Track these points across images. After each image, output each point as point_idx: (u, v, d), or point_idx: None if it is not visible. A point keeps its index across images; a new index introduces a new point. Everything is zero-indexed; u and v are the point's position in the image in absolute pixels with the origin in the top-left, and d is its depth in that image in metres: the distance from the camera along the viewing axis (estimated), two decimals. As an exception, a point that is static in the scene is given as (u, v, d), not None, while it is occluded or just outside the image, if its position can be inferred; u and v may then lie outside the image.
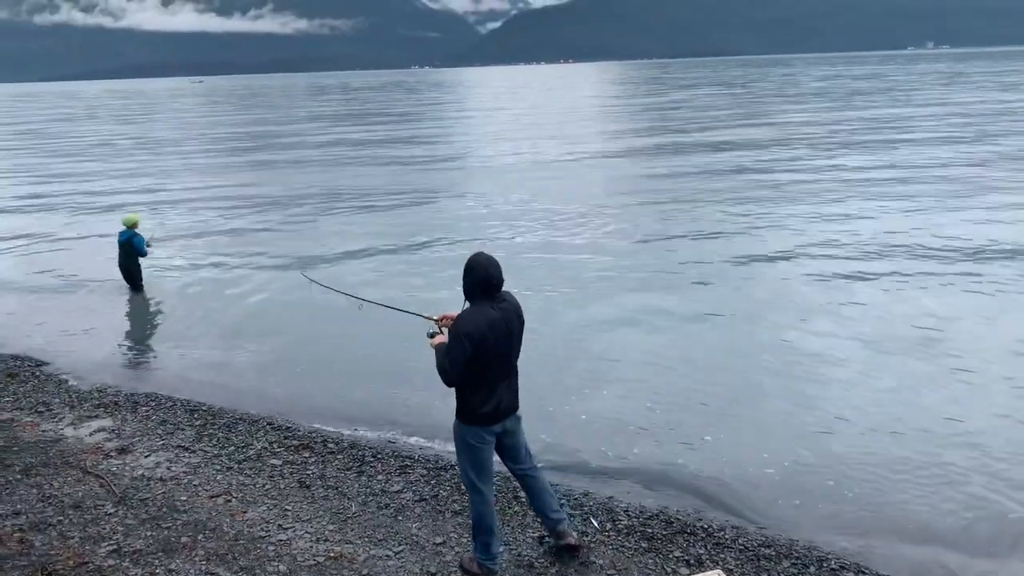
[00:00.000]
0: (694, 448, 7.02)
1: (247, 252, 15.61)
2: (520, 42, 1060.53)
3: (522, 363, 5.01)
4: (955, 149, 26.12)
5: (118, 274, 12.93)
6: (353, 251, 15.25)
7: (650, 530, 5.69)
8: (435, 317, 5.23)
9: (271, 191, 23.49)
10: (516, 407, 5.00)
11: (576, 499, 6.15)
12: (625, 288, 11.93)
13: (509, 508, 5.99)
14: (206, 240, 16.99)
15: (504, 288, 4.84)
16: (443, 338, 4.91)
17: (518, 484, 5.45)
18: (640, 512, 5.96)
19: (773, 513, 6.00)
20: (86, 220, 19.81)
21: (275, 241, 16.55)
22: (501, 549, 5.13)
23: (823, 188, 19.74)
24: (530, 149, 31.98)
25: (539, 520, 5.47)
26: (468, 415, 4.85)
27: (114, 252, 12.96)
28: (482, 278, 4.70)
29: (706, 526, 5.75)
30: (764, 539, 5.60)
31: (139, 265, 12.87)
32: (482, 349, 4.66)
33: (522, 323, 4.91)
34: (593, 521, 5.79)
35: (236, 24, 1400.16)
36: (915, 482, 6.37)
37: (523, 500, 6.04)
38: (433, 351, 4.88)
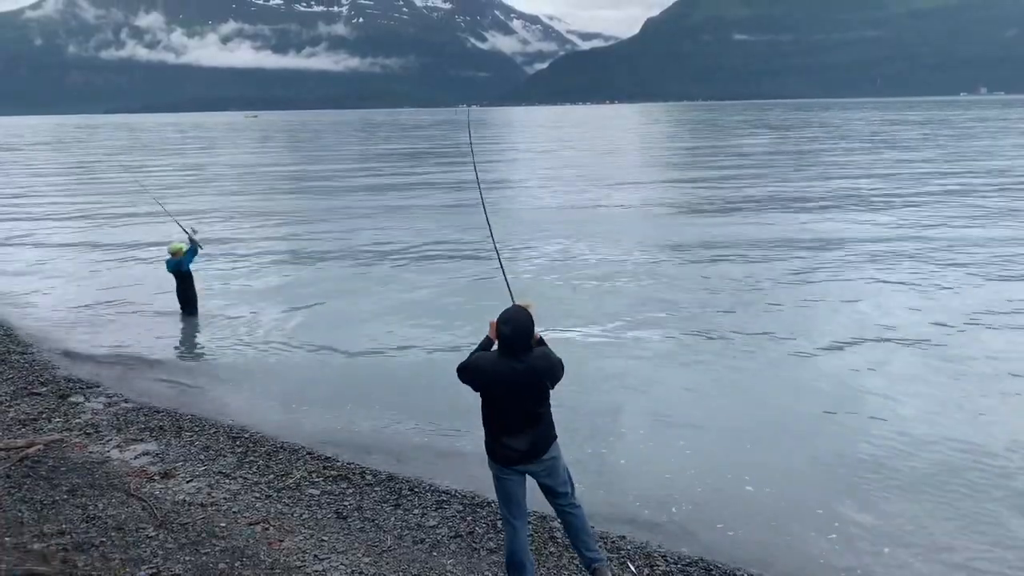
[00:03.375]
0: (735, 496, 6.86)
1: (299, 283, 15.88)
2: (566, 83, 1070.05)
3: (561, 405, 4.99)
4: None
5: (171, 299, 13.27)
6: (405, 297, 15.42)
7: (688, 577, 5.56)
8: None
9: (330, 228, 23.93)
10: (535, 457, 4.90)
11: (613, 542, 6.05)
12: (666, 331, 11.82)
13: (544, 548, 5.93)
14: (260, 270, 17.33)
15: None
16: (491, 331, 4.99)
17: (560, 520, 5.41)
18: (678, 559, 5.84)
19: (817, 567, 5.82)
20: (142, 245, 20.39)
21: (331, 274, 16.82)
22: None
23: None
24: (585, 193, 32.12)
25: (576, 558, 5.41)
26: (486, 445, 5.02)
27: (167, 276, 13.33)
28: (498, 330, 4.80)
29: (746, 576, 5.61)
30: (807, 592, 5.44)
31: (194, 290, 13.19)
32: (483, 387, 4.86)
33: (534, 384, 4.79)
34: (631, 566, 5.69)
35: (291, 61, 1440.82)
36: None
37: (559, 541, 5.98)
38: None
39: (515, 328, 4.71)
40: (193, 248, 12.93)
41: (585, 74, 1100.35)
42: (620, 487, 7.06)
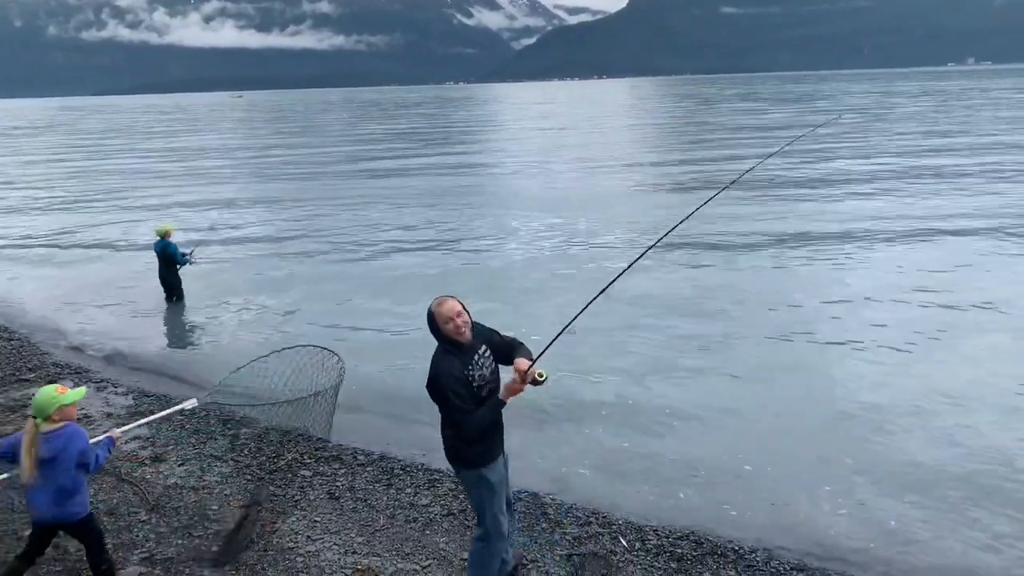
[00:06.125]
0: (729, 471, 6.90)
1: (288, 267, 15.82)
2: (554, 58, 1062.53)
3: (564, 386, 4.90)
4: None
5: (157, 284, 13.14)
6: (393, 275, 15.37)
7: (680, 550, 5.61)
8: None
9: (320, 215, 23.81)
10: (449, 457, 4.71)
11: (605, 516, 6.09)
12: (665, 313, 11.83)
13: (536, 524, 5.96)
14: (247, 254, 17.24)
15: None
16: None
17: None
18: (670, 532, 5.88)
19: (808, 540, 5.87)
20: (128, 230, 20.22)
21: (316, 258, 16.75)
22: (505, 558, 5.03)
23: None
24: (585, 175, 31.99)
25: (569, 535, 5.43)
26: None
27: (152, 262, 13.20)
28: None
29: (737, 548, 5.66)
30: (796, 563, 5.49)
31: (179, 275, 13.06)
32: None
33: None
34: (622, 540, 5.74)
35: (275, 40, 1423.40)
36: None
37: (551, 517, 6.02)
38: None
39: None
40: (185, 259, 12.87)
41: (573, 49, 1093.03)
42: (613, 464, 7.09)
